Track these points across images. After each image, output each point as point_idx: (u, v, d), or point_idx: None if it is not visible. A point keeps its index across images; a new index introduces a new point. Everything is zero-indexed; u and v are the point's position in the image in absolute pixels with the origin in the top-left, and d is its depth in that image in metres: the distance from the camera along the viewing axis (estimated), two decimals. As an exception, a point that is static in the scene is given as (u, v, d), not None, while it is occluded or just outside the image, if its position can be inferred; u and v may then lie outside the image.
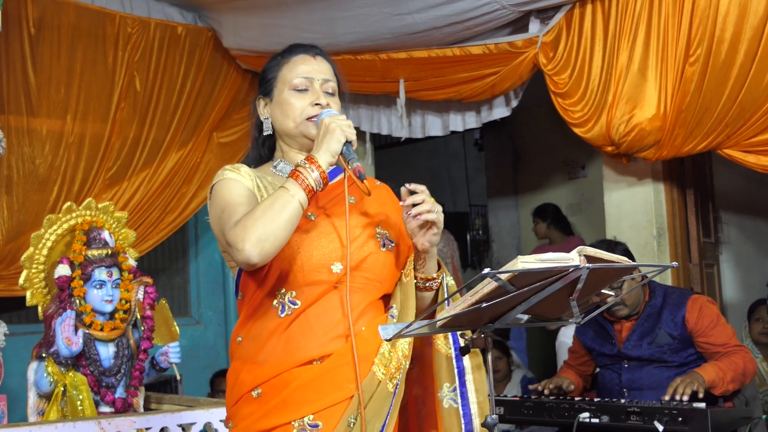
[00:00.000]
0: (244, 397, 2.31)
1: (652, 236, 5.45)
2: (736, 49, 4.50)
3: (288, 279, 2.31)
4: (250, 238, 2.13)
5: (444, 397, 2.47)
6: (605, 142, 5.06)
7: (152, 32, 5.95)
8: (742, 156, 4.74)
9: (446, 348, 2.49)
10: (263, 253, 2.14)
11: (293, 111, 2.44)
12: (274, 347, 2.29)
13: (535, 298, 2.10)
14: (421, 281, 2.45)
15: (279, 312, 2.31)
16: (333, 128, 2.28)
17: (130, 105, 5.93)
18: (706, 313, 4.20)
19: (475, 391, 2.48)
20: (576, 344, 4.68)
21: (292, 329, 2.29)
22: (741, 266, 6.55)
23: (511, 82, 5.43)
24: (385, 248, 2.40)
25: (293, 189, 2.20)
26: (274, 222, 2.15)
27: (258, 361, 2.30)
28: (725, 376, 4.04)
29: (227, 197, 2.32)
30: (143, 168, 6.05)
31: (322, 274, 2.31)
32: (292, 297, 2.31)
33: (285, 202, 2.18)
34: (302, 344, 2.28)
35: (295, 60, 2.49)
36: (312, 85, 2.45)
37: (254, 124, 2.58)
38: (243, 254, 2.14)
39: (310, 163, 2.23)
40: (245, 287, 2.39)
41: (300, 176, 2.21)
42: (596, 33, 5.00)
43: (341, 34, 5.52)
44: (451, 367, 2.48)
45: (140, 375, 4.37)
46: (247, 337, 2.36)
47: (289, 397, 2.24)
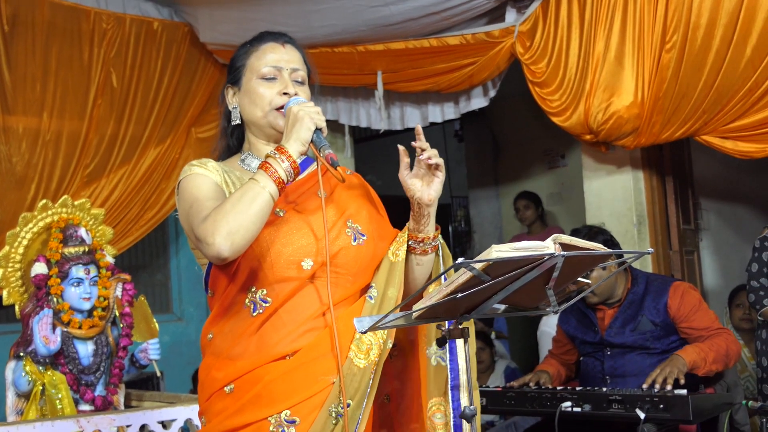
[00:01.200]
0: (216, 394, 2.28)
1: (632, 224, 5.47)
2: (711, 35, 4.52)
3: (258, 276, 2.27)
4: (220, 231, 2.09)
5: (432, 355, 2.45)
6: (583, 131, 5.06)
7: (128, 28, 5.91)
8: (720, 142, 4.76)
9: None
10: (234, 246, 2.10)
11: (261, 100, 2.38)
12: (247, 345, 2.26)
13: (511, 287, 2.09)
14: (422, 243, 2.41)
15: (251, 311, 2.28)
16: (301, 116, 2.23)
17: (107, 101, 5.90)
18: (687, 299, 4.21)
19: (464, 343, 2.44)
20: (559, 333, 4.68)
21: (265, 328, 2.26)
22: (721, 253, 6.58)
23: (489, 72, 5.43)
24: (356, 242, 2.36)
25: (263, 180, 2.15)
26: (244, 214, 2.11)
27: (231, 356, 2.27)
28: (707, 357, 4.04)
29: (195, 192, 2.27)
30: (121, 165, 6.01)
31: (292, 270, 2.27)
32: (263, 295, 2.27)
33: (255, 194, 2.13)
34: (275, 341, 2.25)
35: (263, 48, 2.44)
36: (280, 74, 2.40)
37: (223, 114, 2.52)
38: (213, 248, 2.09)
39: (280, 153, 2.18)
40: (215, 285, 2.35)
41: (270, 168, 2.16)
42: (572, 21, 5.01)
43: (317, 27, 5.49)
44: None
45: (120, 372, 4.35)
46: (219, 335, 2.33)
47: (262, 392, 2.21)
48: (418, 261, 2.43)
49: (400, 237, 2.43)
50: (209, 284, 2.38)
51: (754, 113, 4.57)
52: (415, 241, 2.41)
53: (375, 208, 2.50)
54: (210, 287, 2.38)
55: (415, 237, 2.40)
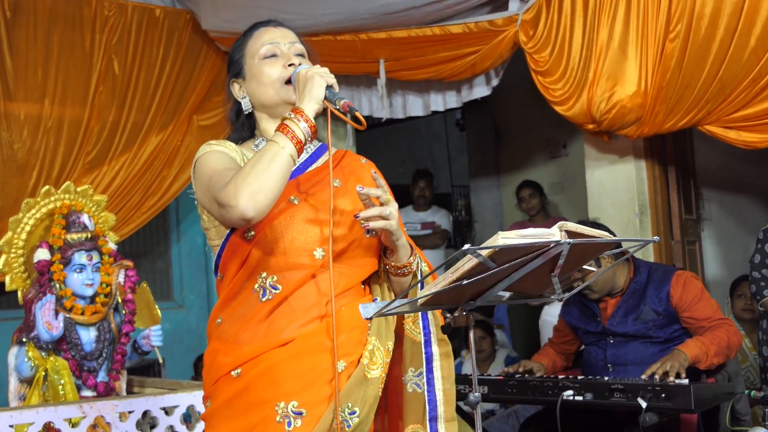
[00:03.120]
0: (223, 378, 2.28)
1: (634, 214, 5.46)
2: (716, 24, 4.50)
3: (269, 262, 2.28)
4: (243, 193, 2.09)
5: (408, 381, 2.44)
6: (586, 120, 5.05)
7: (130, 15, 5.91)
8: (723, 132, 4.75)
9: (414, 333, 2.46)
10: (258, 206, 2.10)
11: (269, 78, 2.38)
12: (255, 330, 2.27)
13: (516, 274, 2.09)
14: (393, 268, 2.42)
15: (260, 296, 2.29)
16: (311, 75, 2.22)
17: (109, 88, 5.90)
18: (690, 288, 4.20)
19: (442, 378, 2.44)
20: (560, 323, 4.68)
21: (275, 314, 2.27)
22: (722, 243, 6.58)
23: (492, 60, 5.41)
24: (369, 234, 2.36)
25: (281, 141, 2.15)
26: (265, 174, 2.11)
27: (239, 341, 2.28)
28: (709, 351, 4.04)
29: (214, 166, 2.28)
30: (123, 152, 6.01)
31: (304, 258, 2.28)
32: (273, 282, 2.28)
33: (274, 153, 2.13)
34: (283, 326, 2.26)
35: (257, 33, 2.45)
36: (279, 49, 2.40)
37: (231, 108, 2.52)
38: (237, 210, 2.09)
39: (296, 114, 2.18)
40: (225, 268, 2.36)
41: (287, 128, 2.16)
42: (576, 10, 4.99)
43: (320, 14, 5.48)
44: (419, 353, 2.44)
45: (122, 359, 4.35)
46: (228, 320, 2.33)
47: (269, 377, 2.22)
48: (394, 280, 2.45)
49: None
50: (219, 268, 2.38)
51: (758, 103, 4.55)
52: (389, 266, 2.42)
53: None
54: (220, 270, 2.38)
55: (388, 263, 2.41)
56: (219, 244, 2.35)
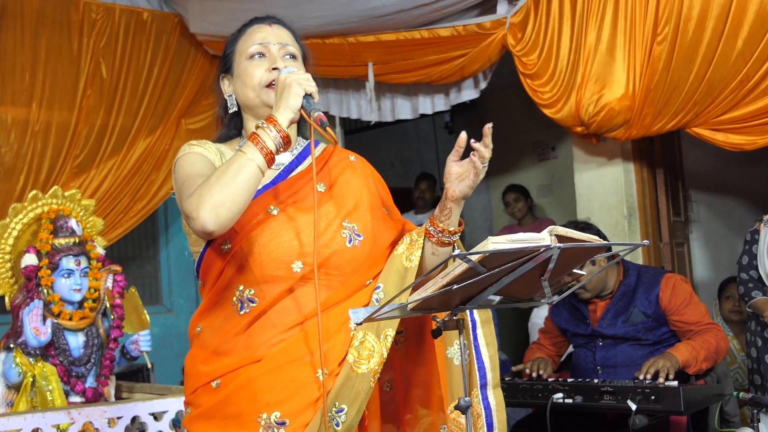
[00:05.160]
0: (202, 387, 2.24)
1: (623, 216, 5.47)
2: (703, 27, 4.52)
3: (246, 276, 2.23)
4: (205, 205, 2.03)
5: (454, 355, 2.41)
6: (575, 123, 5.07)
7: (117, 18, 5.88)
8: (711, 134, 4.77)
9: None
10: (219, 220, 2.04)
11: (251, 80, 2.32)
12: (235, 343, 2.22)
13: (506, 279, 2.08)
14: (440, 233, 2.29)
15: (238, 309, 2.23)
16: (289, 83, 2.14)
17: (97, 92, 5.87)
18: (679, 291, 4.22)
19: (486, 344, 2.41)
20: (549, 325, 4.68)
21: (254, 328, 2.22)
22: (710, 244, 6.60)
23: (480, 63, 5.42)
24: (351, 243, 2.30)
25: (250, 152, 2.09)
26: (229, 186, 2.05)
27: (218, 352, 2.23)
28: (698, 355, 4.06)
29: (188, 170, 2.23)
30: (111, 155, 5.98)
31: (281, 271, 2.22)
32: (250, 294, 2.22)
33: (240, 165, 2.07)
34: (263, 341, 2.20)
35: (250, 30, 2.40)
36: (268, 50, 2.35)
37: (220, 104, 2.46)
38: (198, 222, 2.04)
39: (269, 123, 2.11)
40: (205, 276, 2.31)
41: (257, 138, 2.10)
42: (564, 13, 5.00)
43: (309, 17, 5.47)
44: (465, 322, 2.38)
45: (111, 364, 4.33)
46: (207, 329, 2.28)
47: (249, 390, 2.17)
48: (434, 250, 2.33)
49: (416, 238, 2.33)
50: (200, 275, 2.34)
51: (745, 105, 4.58)
52: (434, 227, 2.30)
53: (378, 196, 2.44)
54: (201, 278, 2.34)
55: (435, 224, 2.30)
56: (199, 250, 2.31)
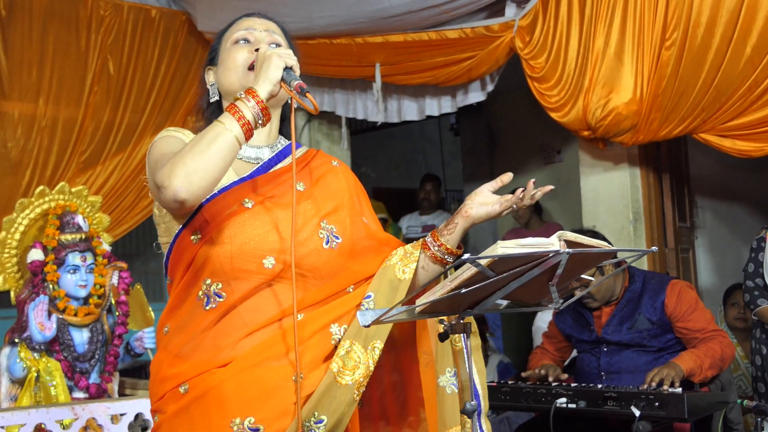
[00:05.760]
0: (170, 393, 2.13)
1: (629, 221, 5.46)
2: (712, 33, 4.52)
3: (215, 267, 2.12)
4: (177, 173, 1.96)
5: (447, 383, 2.32)
6: (582, 127, 5.06)
7: (125, 15, 5.90)
8: (718, 140, 4.76)
9: None
10: (191, 188, 1.96)
11: (234, 62, 2.25)
12: (200, 342, 2.12)
13: (514, 283, 2.08)
14: (438, 248, 2.26)
15: (204, 304, 2.13)
16: (269, 54, 2.09)
17: (104, 89, 5.88)
18: (684, 298, 4.21)
19: (477, 372, 2.34)
20: (553, 330, 4.67)
21: (221, 326, 2.12)
22: (716, 251, 6.58)
23: (488, 66, 5.42)
24: (328, 245, 2.22)
25: (227, 121, 2.02)
26: (203, 154, 1.98)
27: (181, 354, 2.13)
28: (703, 364, 4.05)
29: (163, 149, 2.15)
30: (117, 152, 5.99)
31: (252, 265, 2.12)
32: (217, 289, 2.12)
33: (216, 134, 2.00)
34: (232, 341, 2.10)
35: (237, 22, 2.36)
36: (253, 36, 2.29)
37: (201, 95, 2.40)
38: (170, 191, 1.96)
39: (248, 94, 2.04)
40: (173, 270, 2.20)
41: (235, 108, 2.03)
42: (572, 17, 5.00)
43: (317, 17, 5.47)
44: (454, 350, 2.33)
45: (115, 360, 4.34)
46: (174, 329, 2.18)
47: (220, 395, 2.07)
48: (425, 264, 2.28)
49: (411, 251, 2.29)
50: (168, 270, 2.23)
51: (753, 112, 4.57)
52: (433, 240, 2.27)
53: (359, 205, 2.37)
54: (169, 274, 2.23)
55: (436, 237, 2.27)
56: (167, 242, 2.21)
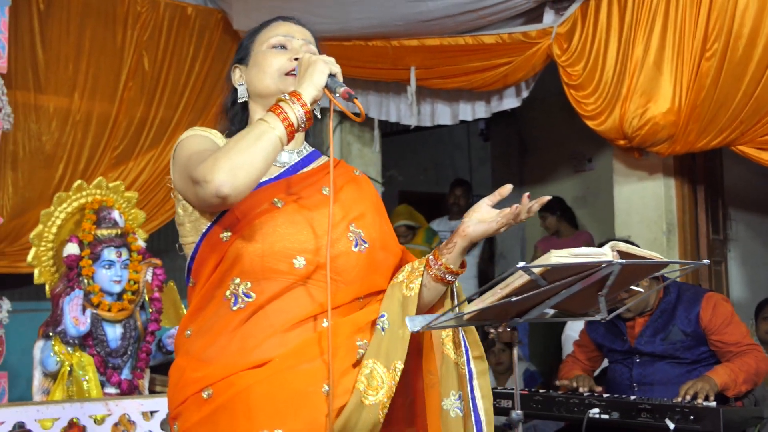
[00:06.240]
0: (192, 398, 2.06)
1: (662, 232, 5.42)
2: (754, 44, 4.48)
3: (244, 267, 2.08)
4: (222, 166, 1.92)
5: (450, 407, 2.24)
6: (618, 136, 5.03)
7: (162, 12, 5.93)
8: (757, 153, 4.72)
9: (455, 354, 2.27)
10: (236, 183, 1.92)
11: (270, 67, 2.22)
12: (226, 344, 2.06)
13: (564, 293, 2.06)
14: (444, 270, 2.20)
15: (231, 304, 2.08)
16: (314, 60, 2.07)
17: (138, 85, 5.91)
18: (720, 311, 4.18)
19: (482, 397, 2.27)
20: (585, 339, 4.64)
21: (248, 327, 2.07)
22: (748, 264, 6.53)
23: (524, 72, 5.40)
24: (357, 248, 2.19)
25: (272, 121, 1.99)
26: (248, 150, 1.95)
27: (205, 358, 2.07)
28: (738, 378, 4.02)
29: (195, 147, 2.12)
30: (150, 148, 6.02)
31: (282, 265, 2.08)
32: (246, 288, 2.08)
33: (261, 132, 1.98)
34: (258, 342, 2.05)
35: (274, 24, 2.31)
36: (291, 44, 2.25)
37: (228, 94, 2.35)
38: (213, 185, 1.92)
39: (292, 96, 2.02)
40: (199, 271, 2.15)
41: (280, 109, 2.00)
42: (612, 25, 4.98)
43: (353, 19, 5.46)
44: (460, 374, 2.26)
45: (146, 357, 4.33)
46: (197, 331, 2.12)
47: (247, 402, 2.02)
48: (427, 282, 2.23)
49: (417, 266, 2.24)
50: (192, 272, 2.18)
51: (794, 124, 4.54)
52: (435, 259, 2.22)
53: (380, 214, 2.34)
54: (193, 275, 2.18)
55: (437, 256, 2.22)
56: (194, 241, 2.16)
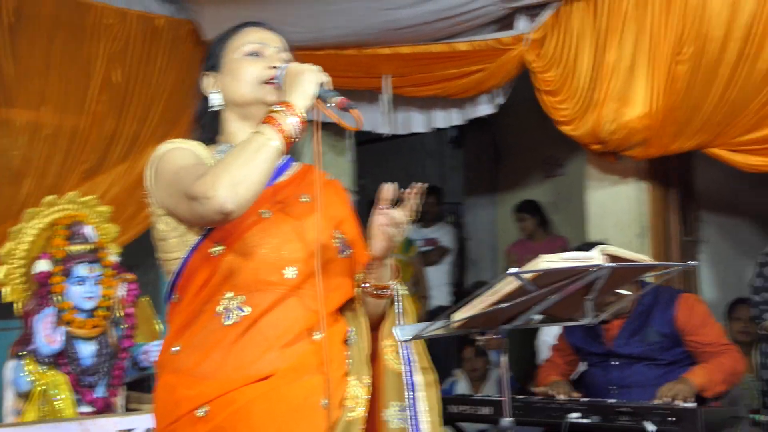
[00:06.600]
0: (186, 417, 2.00)
1: (635, 235, 5.44)
2: (725, 47, 4.50)
3: (238, 281, 2.05)
4: (223, 182, 1.87)
5: (392, 418, 2.18)
6: (592, 140, 5.04)
7: (131, 24, 5.85)
8: (730, 155, 4.75)
9: (396, 363, 2.21)
10: (239, 198, 1.88)
11: (246, 75, 2.16)
12: (222, 360, 2.02)
13: (553, 297, 2.05)
14: (374, 288, 2.19)
15: (223, 319, 2.04)
16: (303, 69, 2.04)
17: (108, 98, 5.82)
18: (696, 312, 4.23)
19: (428, 409, 2.21)
20: (563, 343, 4.66)
21: (244, 342, 2.03)
22: (719, 265, 6.57)
23: (498, 79, 5.39)
24: (342, 254, 2.19)
25: (268, 133, 1.94)
26: (249, 165, 1.90)
27: (199, 374, 2.02)
28: (715, 378, 4.06)
29: (181, 162, 2.06)
30: (120, 161, 5.93)
31: (274, 276, 2.06)
32: (240, 302, 2.04)
33: (260, 144, 1.93)
34: (255, 357, 2.02)
35: (245, 30, 2.27)
36: (265, 51, 2.20)
37: (198, 105, 2.28)
38: (215, 201, 1.87)
39: (286, 107, 1.97)
40: (186, 286, 2.11)
41: (275, 121, 1.95)
42: (584, 30, 4.98)
43: (327, 28, 5.44)
44: (401, 384, 2.20)
45: (121, 374, 4.25)
46: (187, 348, 2.08)
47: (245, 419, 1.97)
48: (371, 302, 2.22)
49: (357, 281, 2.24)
50: (178, 288, 2.14)
51: (766, 126, 4.56)
52: (364, 281, 2.21)
53: (355, 218, 2.32)
54: (178, 290, 2.14)
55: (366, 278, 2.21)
56: (179, 257, 2.11)
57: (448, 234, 7.81)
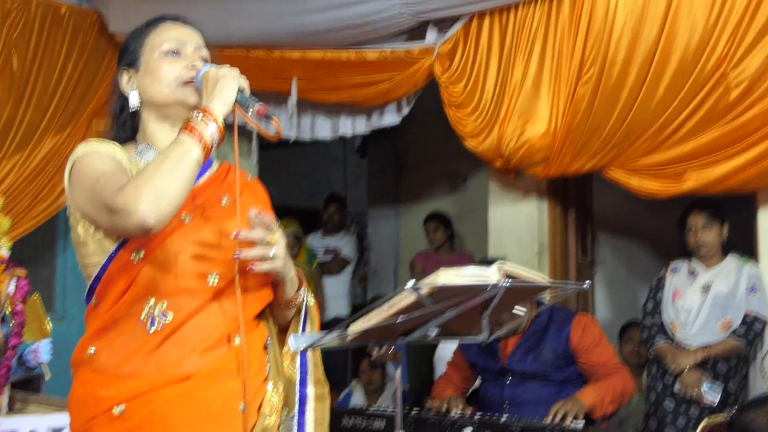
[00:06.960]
0: (101, 415, 1.98)
1: (534, 253, 5.51)
2: (627, 71, 4.58)
3: (160, 287, 2.02)
4: (146, 196, 1.83)
5: (280, 424, 2.18)
6: (495, 156, 5.07)
7: (33, 10, 5.69)
8: (626, 179, 4.82)
9: (291, 370, 2.24)
10: (160, 213, 1.85)
11: (166, 75, 2.12)
12: (142, 363, 2.00)
13: (450, 313, 2.04)
14: (278, 301, 2.21)
15: (147, 326, 2.02)
16: (223, 75, 2.00)
17: (6, 84, 5.64)
18: (589, 332, 4.28)
19: (315, 421, 2.22)
20: (459, 359, 4.66)
21: (166, 346, 2.01)
22: (613, 287, 6.71)
23: (406, 89, 5.40)
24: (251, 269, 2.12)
25: (188, 142, 1.91)
26: (171, 176, 1.87)
27: (119, 374, 2.00)
28: (604, 399, 4.11)
29: (102, 168, 2.01)
30: (16, 151, 5.75)
31: (197, 283, 2.04)
32: (162, 309, 2.02)
33: (181, 155, 1.90)
34: (176, 360, 2.00)
35: (163, 26, 2.21)
36: (184, 50, 2.16)
37: (116, 100, 2.22)
38: (136, 216, 1.83)
39: (204, 114, 1.94)
40: (105, 292, 2.06)
41: (194, 130, 1.92)
42: (493, 46, 5.02)
43: (236, 28, 5.37)
44: (293, 393, 2.22)
45: (7, 373, 4.08)
46: (105, 349, 2.04)
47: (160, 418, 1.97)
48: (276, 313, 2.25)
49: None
50: (96, 293, 2.08)
51: (663, 151, 4.65)
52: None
53: None
54: (97, 295, 2.09)
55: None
56: (99, 262, 2.06)
57: (350, 244, 7.78)
